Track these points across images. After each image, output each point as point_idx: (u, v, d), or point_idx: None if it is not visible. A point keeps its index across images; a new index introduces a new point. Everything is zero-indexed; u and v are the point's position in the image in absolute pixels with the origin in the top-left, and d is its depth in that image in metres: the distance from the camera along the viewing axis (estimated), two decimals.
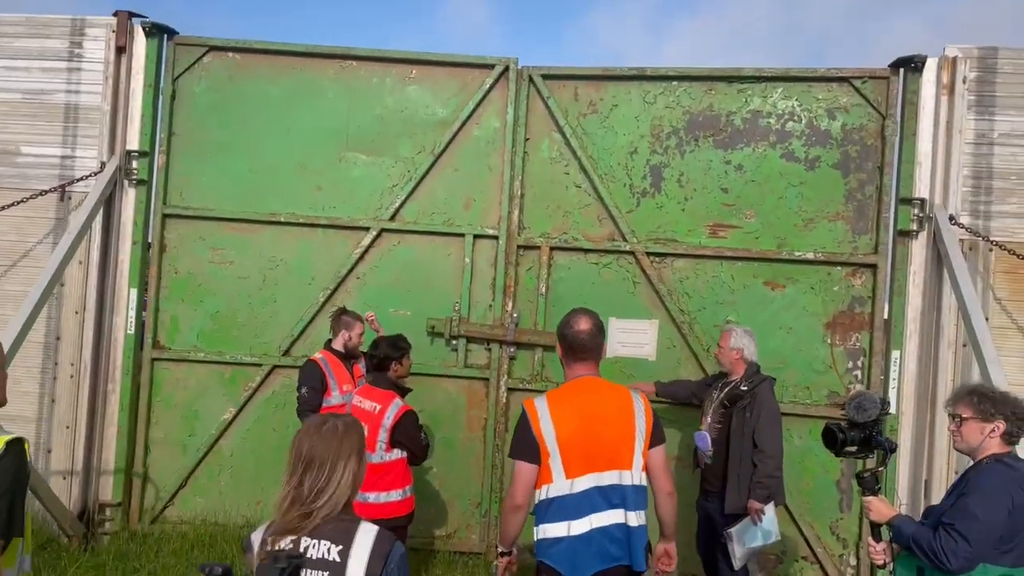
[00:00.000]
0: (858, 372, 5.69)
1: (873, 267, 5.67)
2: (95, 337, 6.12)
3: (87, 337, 6.11)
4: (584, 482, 3.13)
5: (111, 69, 6.15)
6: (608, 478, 3.16)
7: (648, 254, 5.96)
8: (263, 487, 6.19)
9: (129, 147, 6.18)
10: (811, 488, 5.71)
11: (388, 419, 4.44)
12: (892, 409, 5.50)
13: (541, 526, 3.19)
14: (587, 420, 3.16)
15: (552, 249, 6.09)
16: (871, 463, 3.48)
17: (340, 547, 2.20)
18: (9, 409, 6.09)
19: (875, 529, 3.23)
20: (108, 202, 6.14)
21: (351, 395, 4.97)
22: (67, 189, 6.14)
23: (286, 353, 6.19)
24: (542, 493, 3.17)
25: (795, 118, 5.85)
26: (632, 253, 5.98)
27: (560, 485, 3.13)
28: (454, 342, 6.13)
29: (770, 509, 4.63)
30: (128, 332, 6.15)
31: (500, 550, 3.34)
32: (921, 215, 5.57)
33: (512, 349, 6.08)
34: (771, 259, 5.82)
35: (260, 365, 6.18)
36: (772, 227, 5.85)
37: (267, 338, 6.24)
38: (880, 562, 3.21)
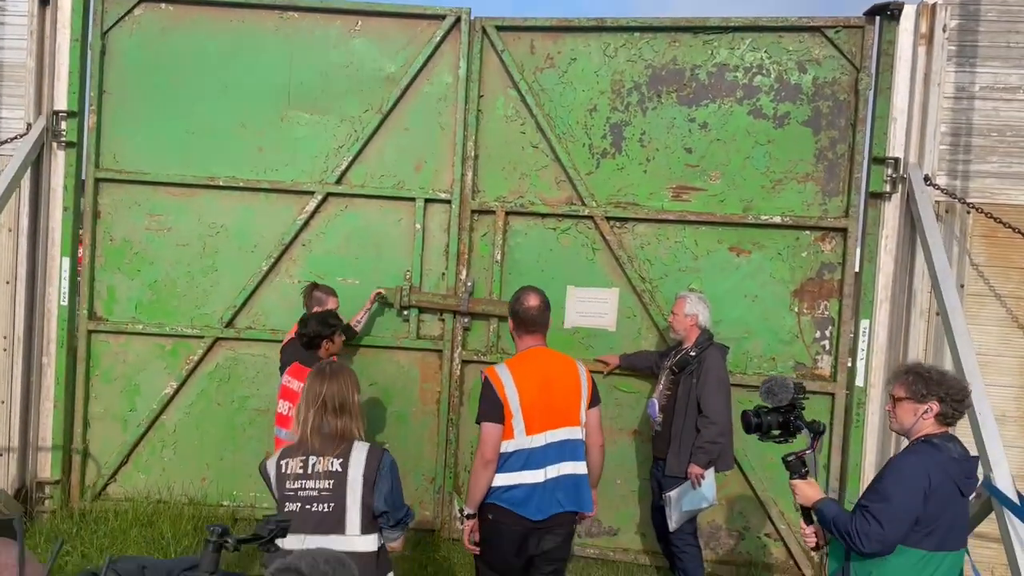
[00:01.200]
0: (826, 342, 5.40)
1: (843, 231, 5.34)
2: (27, 308, 5.81)
3: (19, 309, 5.81)
4: (541, 438, 3.55)
5: (35, 23, 5.74)
6: (561, 434, 3.59)
7: (608, 219, 5.63)
8: (208, 463, 5.95)
9: (57, 107, 5.79)
10: (775, 463, 5.36)
11: None
12: (860, 381, 5.24)
13: (499, 475, 3.51)
14: (543, 384, 3.57)
15: (508, 214, 5.75)
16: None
17: (340, 460, 2.84)
18: None
19: (805, 512, 3.19)
20: (36, 166, 5.78)
21: None
22: None
23: (229, 324, 5.88)
24: (503, 448, 3.51)
25: (764, 71, 5.46)
26: (591, 218, 5.65)
27: (520, 441, 3.51)
28: (405, 312, 5.83)
29: (710, 474, 4.64)
30: (61, 303, 5.84)
31: (467, 512, 3.62)
32: (895, 175, 5.21)
33: (466, 320, 5.78)
34: (736, 223, 5.49)
35: (202, 337, 5.88)
36: (738, 189, 5.51)
37: (209, 309, 5.93)
38: (812, 544, 3.20)
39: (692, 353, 4.79)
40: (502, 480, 3.51)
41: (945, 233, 5.11)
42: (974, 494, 3.14)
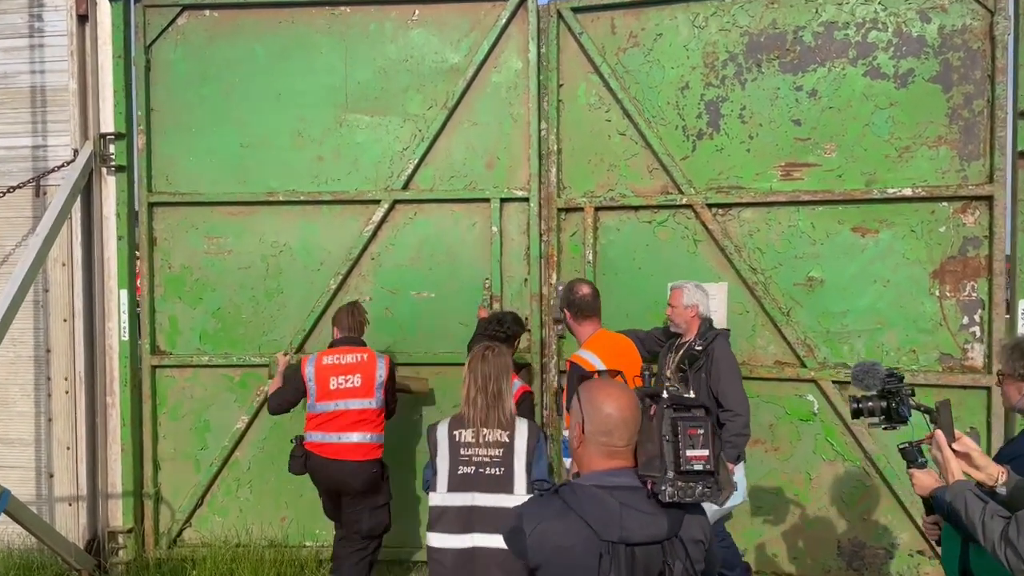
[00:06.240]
0: (976, 329, 4.72)
1: (988, 199, 4.65)
2: (87, 346, 5.44)
3: (79, 347, 5.43)
4: None
5: (75, 42, 5.37)
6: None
7: (709, 206, 5.06)
8: (287, 502, 5.51)
9: (103, 130, 5.43)
10: None
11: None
12: None
13: None
14: (617, 356, 4.25)
15: (597, 209, 5.24)
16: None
17: (508, 432, 3.35)
18: (7, 431, 5.57)
19: (926, 503, 2.91)
20: (87, 194, 5.41)
21: None
22: (41, 183, 5.45)
23: (299, 350, 5.43)
24: None
25: (879, 26, 4.82)
26: (690, 207, 5.09)
27: None
28: None
29: (739, 469, 4.44)
30: (122, 338, 5.46)
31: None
32: None
33: (560, 327, 5.25)
34: (859, 200, 4.86)
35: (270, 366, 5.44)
36: (858, 161, 4.87)
37: (277, 334, 5.50)
38: (935, 537, 2.90)
39: (698, 347, 4.50)
40: None
41: None
42: None
